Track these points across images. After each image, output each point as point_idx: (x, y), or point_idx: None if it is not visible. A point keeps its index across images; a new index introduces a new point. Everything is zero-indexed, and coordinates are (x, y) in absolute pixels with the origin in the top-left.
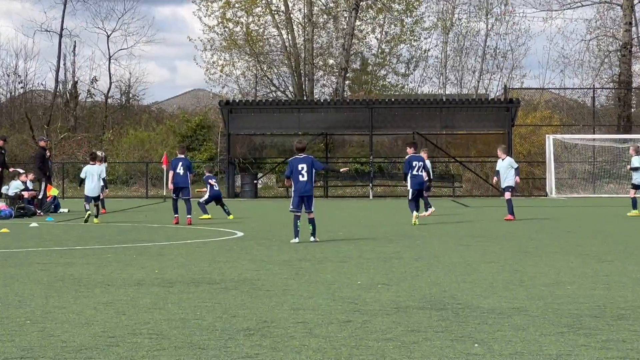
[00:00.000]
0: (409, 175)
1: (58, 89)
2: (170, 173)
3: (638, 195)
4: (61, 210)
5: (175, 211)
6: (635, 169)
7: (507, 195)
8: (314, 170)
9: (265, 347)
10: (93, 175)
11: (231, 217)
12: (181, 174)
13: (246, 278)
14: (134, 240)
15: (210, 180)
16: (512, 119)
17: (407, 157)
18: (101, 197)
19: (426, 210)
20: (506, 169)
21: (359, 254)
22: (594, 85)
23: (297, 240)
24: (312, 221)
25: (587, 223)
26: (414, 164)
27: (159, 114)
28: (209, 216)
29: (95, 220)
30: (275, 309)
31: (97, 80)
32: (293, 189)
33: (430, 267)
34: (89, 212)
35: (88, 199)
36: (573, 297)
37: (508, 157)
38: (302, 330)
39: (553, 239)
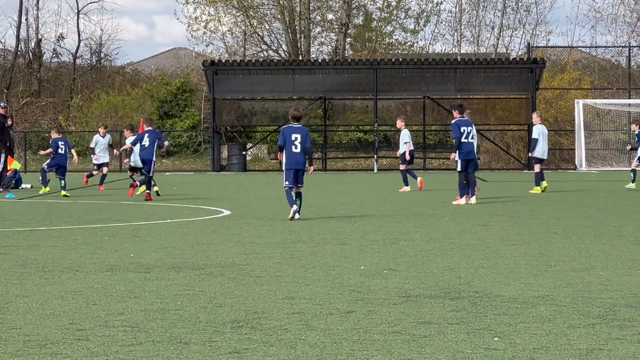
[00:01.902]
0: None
1: (19, 48)
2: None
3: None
4: (23, 185)
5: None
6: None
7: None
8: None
9: (256, 342)
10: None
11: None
12: (147, 146)
13: (234, 262)
14: (105, 219)
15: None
16: (537, 82)
17: (453, 121)
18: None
19: (406, 185)
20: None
21: (362, 235)
22: (629, 43)
23: (295, 207)
24: (299, 196)
25: (622, 200)
26: (462, 130)
27: (134, 76)
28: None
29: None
30: (267, 297)
31: (64, 38)
32: (285, 161)
33: (444, 250)
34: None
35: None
36: (606, 284)
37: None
38: (297, 322)
39: (583, 219)
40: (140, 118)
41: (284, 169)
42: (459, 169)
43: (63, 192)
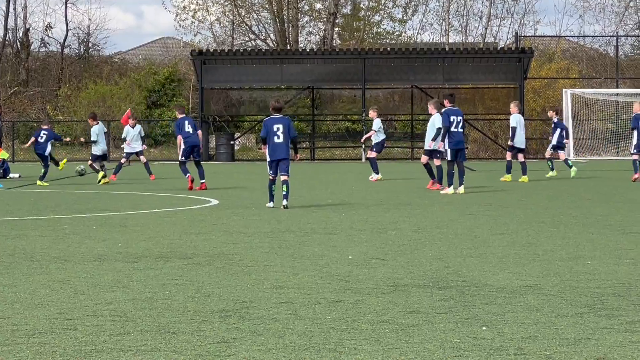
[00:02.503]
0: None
1: (7, 37)
2: (179, 138)
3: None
4: (11, 175)
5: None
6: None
7: (424, 159)
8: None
9: (244, 331)
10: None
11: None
12: (192, 132)
13: (222, 252)
14: (94, 209)
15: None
16: (525, 71)
17: (443, 110)
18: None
19: (376, 174)
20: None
21: (350, 225)
22: (617, 32)
23: (271, 204)
24: (285, 182)
25: (609, 190)
26: (452, 119)
27: (122, 66)
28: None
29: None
30: (255, 287)
31: (51, 28)
32: (267, 152)
33: (432, 239)
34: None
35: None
36: (594, 273)
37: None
38: (285, 311)
39: (571, 208)
40: (128, 107)
41: (267, 159)
42: (448, 158)
43: (39, 182)
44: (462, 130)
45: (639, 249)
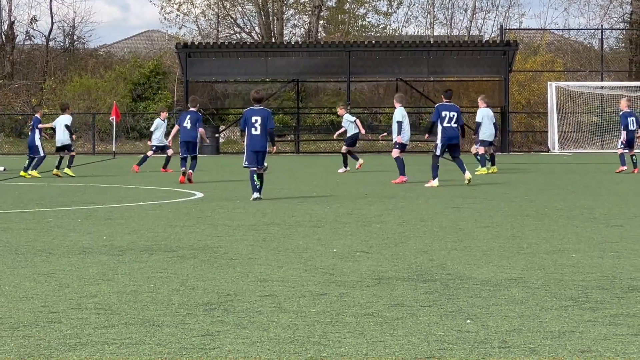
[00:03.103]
0: (440, 126)
1: None
2: (175, 128)
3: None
4: None
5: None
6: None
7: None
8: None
9: (228, 324)
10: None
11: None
12: (188, 127)
13: (206, 245)
14: (78, 202)
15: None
16: (510, 64)
17: (436, 105)
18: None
19: (345, 167)
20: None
21: (334, 218)
22: (602, 25)
23: (256, 195)
24: (260, 176)
25: (594, 182)
26: (443, 114)
27: (107, 59)
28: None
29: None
30: (240, 280)
31: (36, 21)
32: (245, 143)
33: (416, 232)
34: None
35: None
36: (578, 266)
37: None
38: (270, 304)
39: (556, 201)
40: (113, 101)
41: (245, 150)
42: (437, 152)
43: (22, 173)
44: (455, 125)
45: (623, 241)
